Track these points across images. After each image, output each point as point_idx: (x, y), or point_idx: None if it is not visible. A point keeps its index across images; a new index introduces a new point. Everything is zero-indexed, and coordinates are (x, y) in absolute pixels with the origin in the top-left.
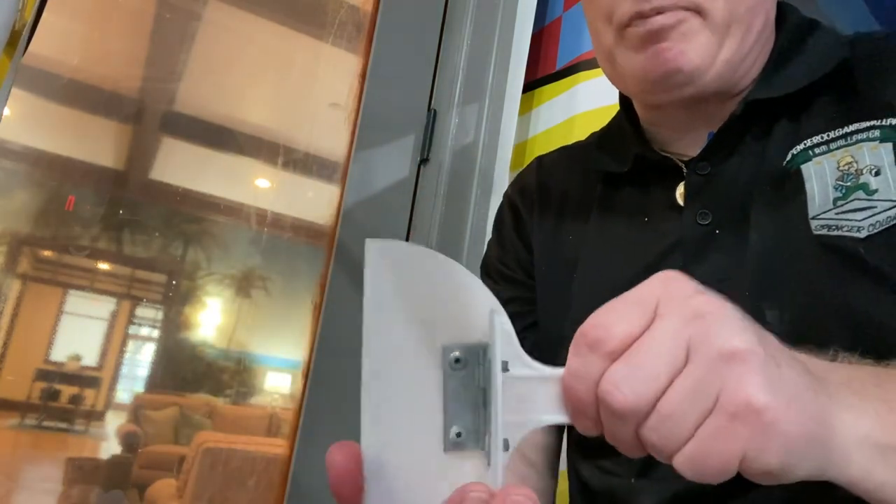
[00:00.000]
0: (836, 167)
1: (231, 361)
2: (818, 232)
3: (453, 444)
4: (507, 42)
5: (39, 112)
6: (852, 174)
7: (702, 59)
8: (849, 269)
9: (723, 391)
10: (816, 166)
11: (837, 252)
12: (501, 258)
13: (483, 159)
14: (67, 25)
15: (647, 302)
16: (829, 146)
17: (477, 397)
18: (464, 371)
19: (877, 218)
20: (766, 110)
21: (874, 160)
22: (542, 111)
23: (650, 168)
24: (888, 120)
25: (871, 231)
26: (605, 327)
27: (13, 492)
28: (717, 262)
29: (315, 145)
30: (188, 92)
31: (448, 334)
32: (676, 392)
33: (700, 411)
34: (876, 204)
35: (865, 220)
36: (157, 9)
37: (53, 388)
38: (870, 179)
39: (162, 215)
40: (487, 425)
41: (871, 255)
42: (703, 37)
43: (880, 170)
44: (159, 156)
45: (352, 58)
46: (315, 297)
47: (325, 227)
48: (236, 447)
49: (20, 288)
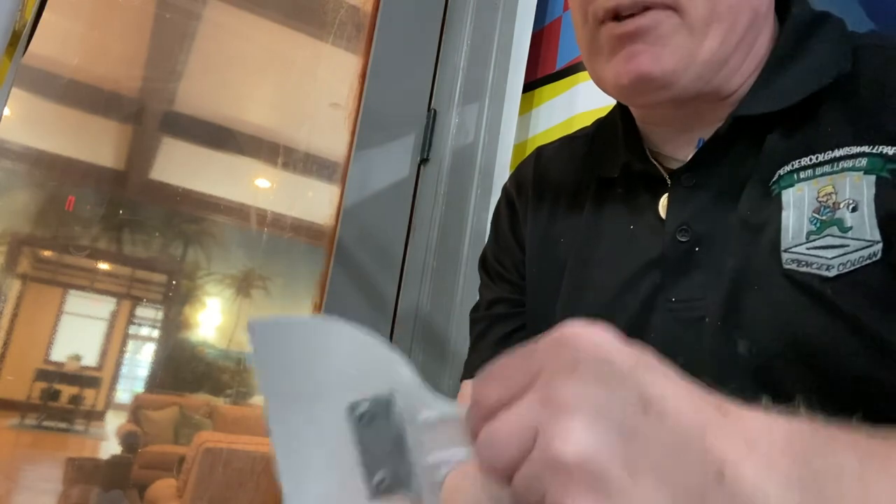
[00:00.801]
0: (816, 197)
1: (231, 361)
2: (788, 266)
3: (378, 490)
4: (507, 42)
5: (39, 112)
6: (829, 207)
7: (677, 62)
8: (815, 307)
9: (550, 495)
10: (797, 193)
11: (805, 289)
12: (497, 256)
13: (483, 159)
14: (67, 25)
15: (529, 369)
16: (815, 171)
17: (395, 443)
18: (374, 423)
19: (848, 258)
20: (756, 123)
21: (854, 194)
22: (542, 111)
23: (638, 175)
24: (879, 147)
25: (841, 270)
26: (484, 390)
27: (13, 492)
28: (696, 280)
29: (315, 145)
30: (188, 92)
31: (352, 393)
32: (517, 479)
33: (536, 497)
34: (849, 242)
35: (836, 259)
36: (157, 9)
37: (53, 388)
38: (846, 215)
39: (162, 215)
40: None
41: (839, 295)
42: (679, 38)
43: (858, 205)
44: (159, 156)
45: (352, 58)
46: (315, 297)
47: (325, 227)
48: (236, 447)
49: (20, 288)
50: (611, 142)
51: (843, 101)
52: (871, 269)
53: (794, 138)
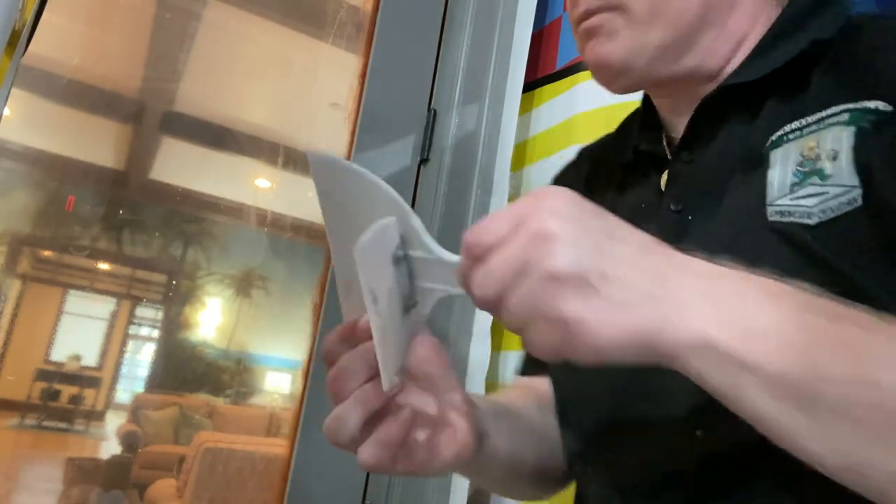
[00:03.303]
0: (801, 152)
1: (231, 361)
2: (772, 219)
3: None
4: (507, 42)
5: (39, 112)
6: (812, 159)
7: (627, 52)
8: (797, 256)
9: (544, 304)
10: (783, 152)
11: (788, 239)
12: None
13: (483, 159)
14: (67, 25)
15: (515, 216)
16: (803, 131)
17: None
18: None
19: (828, 204)
20: (750, 93)
21: (834, 144)
22: (542, 111)
23: (647, 157)
24: (863, 102)
25: (822, 218)
26: (477, 236)
27: (13, 492)
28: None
29: (315, 145)
30: (188, 92)
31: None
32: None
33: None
34: (828, 189)
35: (816, 207)
36: (157, 9)
37: (53, 388)
38: (826, 165)
39: (162, 215)
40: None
41: (819, 244)
42: (625, 33)
43: (837, 154)
44: (159, 156)
45: (352, 58)
46: (315, 297)
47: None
48: (236, 447)
49: (20, 288)
50: (630, 129)
51: (834, 67)
52: (853, 216)
53: (786, 106)
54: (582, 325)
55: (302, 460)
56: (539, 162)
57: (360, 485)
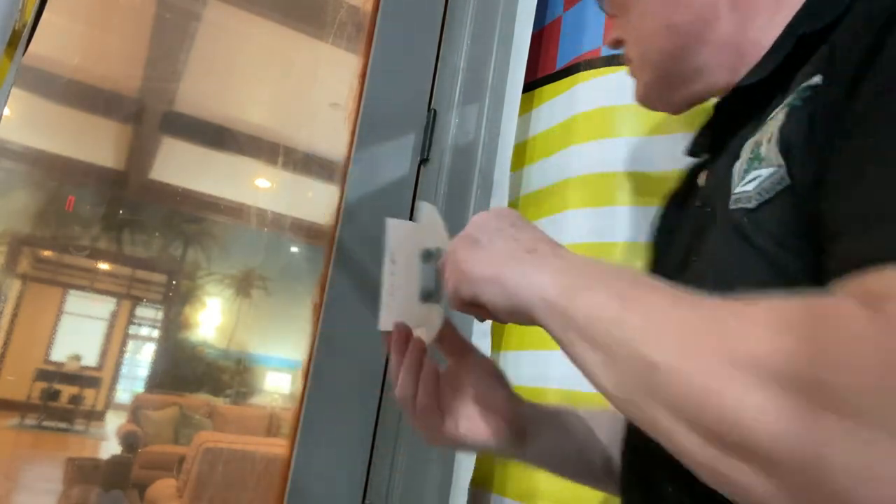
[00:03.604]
0: (755, 140)
1: (231, 361)
2: (731, 207)
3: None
4: (507, 42)
5: (39, 112)
6: (760, 144)
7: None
8: (738, 242)
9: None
10: (750, 143)
11: (734, 227)
12: None
13: (483, 159)
14: (67, 25)
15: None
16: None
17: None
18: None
19: (762, 185)
20: (759, 94)
21: (773, 127)
22: (542, 111)
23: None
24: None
25: (760, 200)
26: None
27: (13, 492)
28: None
29: (315, 145)
30: (188, 92)
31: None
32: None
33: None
34: (762, 171)
35: (755, 190)
36: (157, 9)
37: (53, 388)
38: (763, 147)
39: (162, 215)
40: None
41: (754, 227)
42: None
43: (772, 136)
44: (159, 156)
45: (352, 58)
46: (315, 297)
47: (325, 227)
48: (236, 447)
49: (20, 288)
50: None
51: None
52: (784, 196)
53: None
54: (465, 263)
55: (302, 460)
56: (539, 162)
57: (360, 485)
